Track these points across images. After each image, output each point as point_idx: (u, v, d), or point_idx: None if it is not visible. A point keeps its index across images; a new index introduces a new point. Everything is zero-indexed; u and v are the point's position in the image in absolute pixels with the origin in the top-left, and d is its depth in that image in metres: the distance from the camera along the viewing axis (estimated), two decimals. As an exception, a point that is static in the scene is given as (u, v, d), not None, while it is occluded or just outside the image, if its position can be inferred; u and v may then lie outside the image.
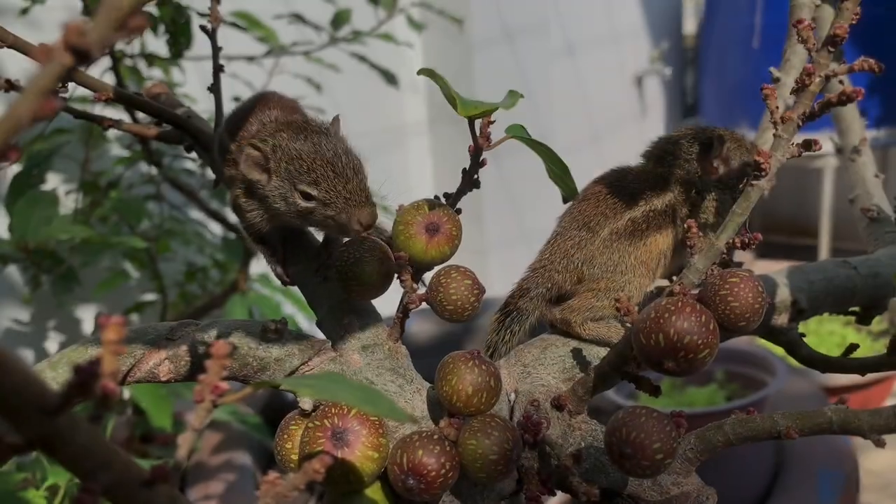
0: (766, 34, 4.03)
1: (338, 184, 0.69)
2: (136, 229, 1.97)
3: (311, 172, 0.69)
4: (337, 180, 0.69)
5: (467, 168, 0.74)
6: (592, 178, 0.83)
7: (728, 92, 4.32)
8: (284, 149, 0.71)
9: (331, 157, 0.70)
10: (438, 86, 0.65)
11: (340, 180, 0.69)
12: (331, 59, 2.16)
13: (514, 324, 0.80)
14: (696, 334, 0.58)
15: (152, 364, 0.64)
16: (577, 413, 0.69)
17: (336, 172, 0.70)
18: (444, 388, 0.64)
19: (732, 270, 0.63)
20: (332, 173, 0.69)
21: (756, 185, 0.62)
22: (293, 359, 0.68)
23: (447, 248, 0.70)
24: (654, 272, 0.79)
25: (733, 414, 0.64)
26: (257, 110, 0.82)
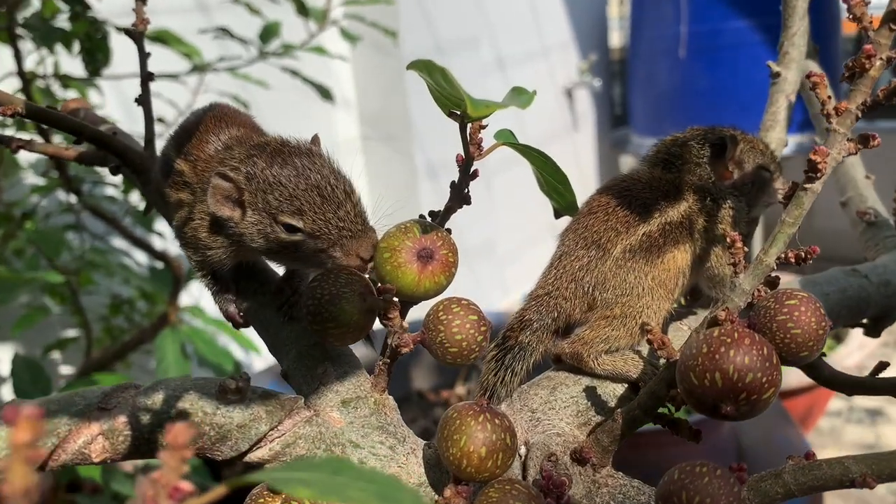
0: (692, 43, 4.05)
1: (327, 210, 0.57)
2: (55, 262, 1.82)
3: (294, 200, 0.58)
4: (326, 206, 0.57)
5: (455, 182, 0.62)
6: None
7: (657, 101, 4.33)
8: (260, 176, 0.59)
9: (316, 181, 0.58)
10: (430, 84, 0.53)
11: (330, 206, 0.57)
12: (258, 74, 2.04)
13: (515, 362, 0.68)
14: (759, 371, 0.48)
15: (81, 442, 0.51)
16: (601, 466, 0.59)
17: (324, 197, 0.58)
18: (450, 451, 0.53)
19: (787, 290, 0.54)
20: (319, 198, 0.58)
21: (809, 189, 0.52)
22: (259, 424, 0.55)
23: (443, 278, 0.58)
24: (672, 293, 0.69)
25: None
26: (212, 126, 0.69)
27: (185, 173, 0.67)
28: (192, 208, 0.65)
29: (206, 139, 0.68)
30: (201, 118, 0.70)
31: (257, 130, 0.72)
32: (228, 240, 0.63)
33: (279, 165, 0.60)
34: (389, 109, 3.18)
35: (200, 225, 0.64)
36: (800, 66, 0.83)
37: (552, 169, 0.68)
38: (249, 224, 0.60)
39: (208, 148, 0.67)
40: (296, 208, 0.58)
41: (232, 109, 0.73)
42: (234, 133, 0.69)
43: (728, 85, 3.87)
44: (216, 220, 0.62)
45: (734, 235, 0.54)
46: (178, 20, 2.05)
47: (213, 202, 0.60)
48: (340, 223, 0.58)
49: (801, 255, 0.53)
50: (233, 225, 0.61)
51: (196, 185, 0.66)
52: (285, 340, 0.63)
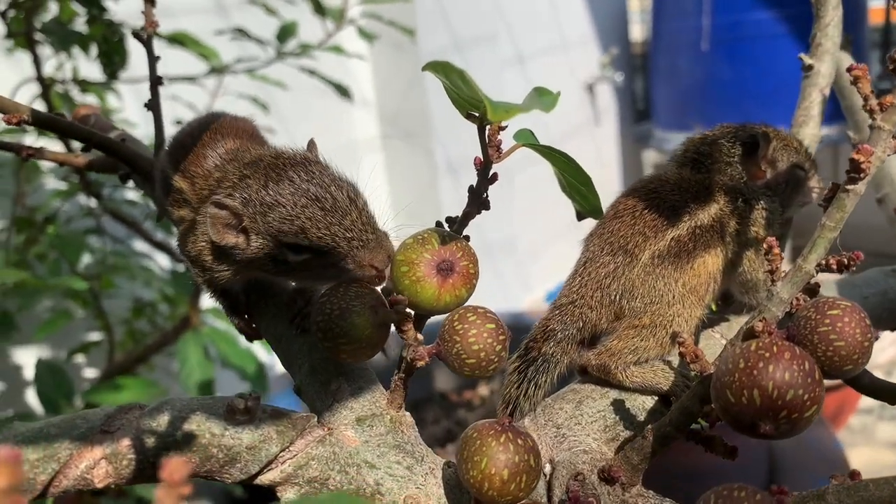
0: (714, 35, 3.99)
1: (332, 223, 0.54)
2: (76, 266, 1.82)
3: (295, 219, 0.55)
4: (329, 218, 0.54)
5: (473, 186, 0.59)
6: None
7: (680, 95, 4.27)
8: (256, 199, 0.56)
9: (315, 193, 0.55)
10: (447, 85, 0.51)
11: (334, 217, 0.54)
12: (276, 75, 2.03)
13: (539, 374, 0.65)
14: (800, 388, 0.45)
15: (84, 467, 0.48)
16: (630, 485, 0.55)
17: (325, 209, 0.55)
18: (471, 473, 0.50)
19: (828, 300, 0.50)
20: (321, 211, 0.54)
21: (852, 191, 0.49)
22: (270, 445, 0.52)
23: (464, 291, 0.55)
24: (703, 300, 0.66)
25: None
26: (208, 140, 0.66)
27: (184, 191, 0.64)
28: (194, 228, 0.62)
29: (202, 154, 0.65)
30: (196, 131, 0.67)
31: (255, 138, 0.69)
32: (235, 264, 0.60)
33: (274, 182, 0.56)
34: (408, 107, 3.16)
35: (204, 248, 0.61)
36: (833, 59, 0.79)
37: (575, 170, 0.64)
38: (257, 249, 0.57)
39: (206, 164, 0.64)
40: (298, 227, 0.55)
41: (229, 118, 0.69)
42: (231, 146, 0.65)
43: (751, 77, 3.81)
44: (220, 247, 0.59)
45: (771, 241, 0.51)
46: (194, 22, 2.04)
47: (215, 232, 0.57)
48: (348, 234, 0.55)
49: (844, 262, 0.50)
50: (239, 252, 0.58)
51: (196, 203, 0.63)
52: (297, 353, 0.61)
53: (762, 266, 0.67)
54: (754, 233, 0.66)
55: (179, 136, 0.69)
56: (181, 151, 0.66)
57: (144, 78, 1.54)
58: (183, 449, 0.50)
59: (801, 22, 3.63)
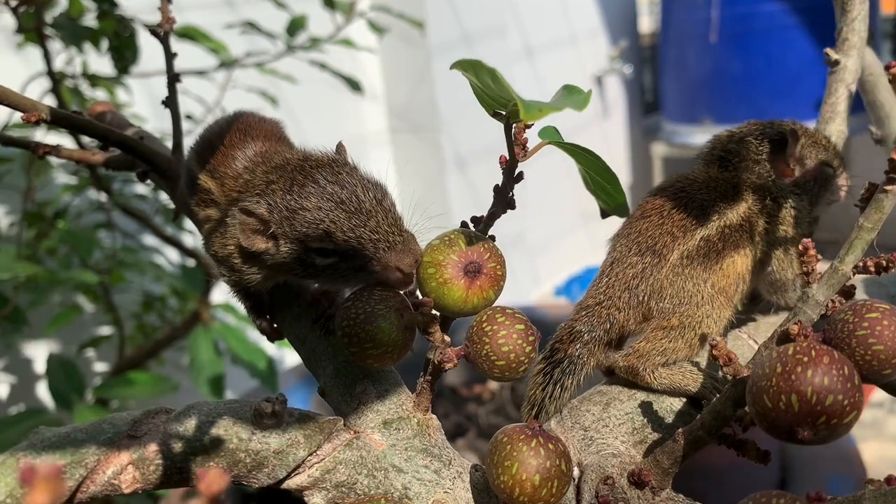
0: (724, 27, 3.97)
1: (357, 226, 0.54)
2: (87, 261, 1.82)
3: (320, 223, 0.54)
4: (354, 221, 0.54)
5: (499, 185, 0.59)
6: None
7: (689, 87, 4.25)
8: (281, 205, 0.56)
9: (340, 196, 0.54)
10: (475, 84, 0.50)
11: (359, 220, 0.54)
12: (285, 69, 2.02)
13: (565, 377, 0.64)
14: (840, 393, 0.44)
15: (111, 473, 0.48)
16: (660, 489, 0.55)
17: (350, 212, 0.54)
18: (501, 478, 0.49)
19: (865, 302, 0.49)
20: (345, 214, 0.54)
21: (890, 191, 0.48)
22: (298, 449, 0.52)
23: (492, 293, 0.54)
24: (732, 300, 0.65)
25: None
26: (237, 140, 0.65)
27: (212, 191, 0.64)
28: (223, 229, 0.62)
29: (231, 154, 0.64)
30: (225, 130, 0.67)
31: (283, 140, 0.69)
32: (265, 268, 0.60)
33: (299, 186, 0.56)
34: (417, 101, 3.15)
35: (234, 251, 0.61)
36: (860, 54, 0.78)
37: (601, 167, 0.63)
38: (287, 254, 0.57)
39: (235, 165, 0.64)
40: (323, 231, 0.54)
41: (256, 119, 0.69)
42: (259, 148, 0.65)
43: (761, 69, 3.79)
44: (249, 252, 0.59)
45: (807, 242, 0.50)
46: (204, 16, 2.03)
47: (244, 238, 0.57)
48: (374, 235, 0.54)
49: (882, 264, 0.49)
50: (269, 256, 0.58)
51: (224, 204, 0.63)
52: (321, 356, 0.60)
53: (791, 266, 0.66)
54: (783, 232, 0.66)
55: (207, 135, 0.68)
56: (209, 150, 0.65)
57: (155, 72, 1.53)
58: (210, 454, 0.49)
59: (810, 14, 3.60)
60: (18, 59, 1.86)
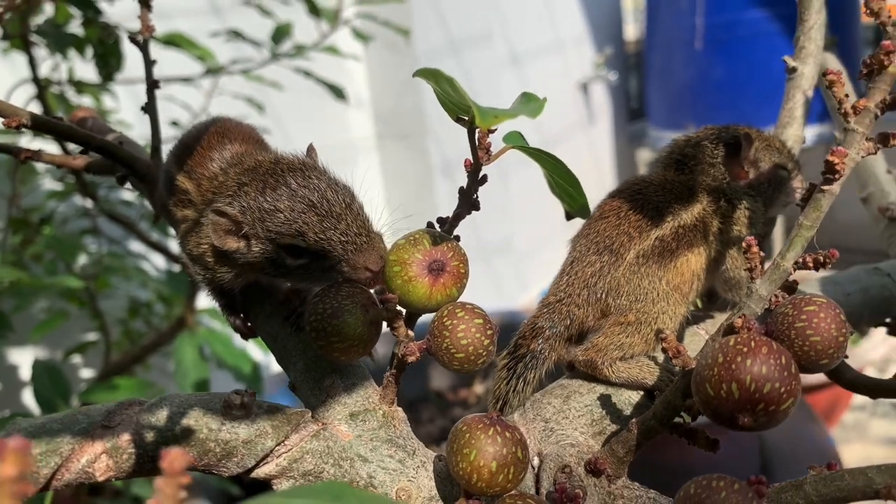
0: (708, 35, 4.01)
1: (327, 228, 0.56)
2: (73, 266, 1.82)
3: (293, 223, 0.57)
4: (325, 223, 0.56)
5: (464, 187, 0.61)
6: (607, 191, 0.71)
7: (674, 94, 4.29)
8: (254, 206, 0.58)
9: (312, 199, 0.57)
10: (437, 91, 0.52)
11: (329, 222, 0.56)
12: (271, 76, 2.04)
13: (527, 371, 0.66)
14: (777, 381, 0.46)
15: (85, 461, 0.50)
16: (616, 477, 0.57)
17: (321, 215, 0.57)
18: (460, 465, 0.51)
19: (805, 296, 0.52)
20: (317, 217, 0.56)
21: (827, 191, 0.50)
22: (266, 439, 0.54)
23: (455, 290, 0.57)
24: (687, 297, 0.67)
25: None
26: (214, 143, 0.68)
27: (189, 192, 0.66)
28: (198, 229, 0.64)
29: (208, 156, 0.67)
30: (202, 133, 0.69)
31: (260, 144, 0.71)
32: (237, 267, 0.62)
33: (271, 189, 0.58)
34: (403, 107, 3.17)
35: (207, 251, 0.63)
36: (817, 61, 0.81)
37: (563, 171, 0.66)
38: (258, 253, 0.59)
39: (212, 166, 0.66)
40: (294, 231, 0.57)
41: (234, 123, 0.72)
42: (236, 149, 0.67)
43: (746, 76, 3.83)
44: (222, 252, 0.62)
45: (750, 239, 0.52)
46: (189, 23, 2.05)
47: (217, 238, 0.60)
48: (343, 238, 0.57)
49: (820, 260, 0.51)
50: (240, 255, 0.60)
51: (200, 204, 0.65)
52: (292, 351, 0.62)
53: (745, 264, 0.68)
54: (737, 232, 0.68)
55: (185, 139, 0.71)
56: (186, 153, 0.68)
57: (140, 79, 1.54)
58: (181, 443, 0.51)
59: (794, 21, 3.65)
60: (4, 66, 1.87)
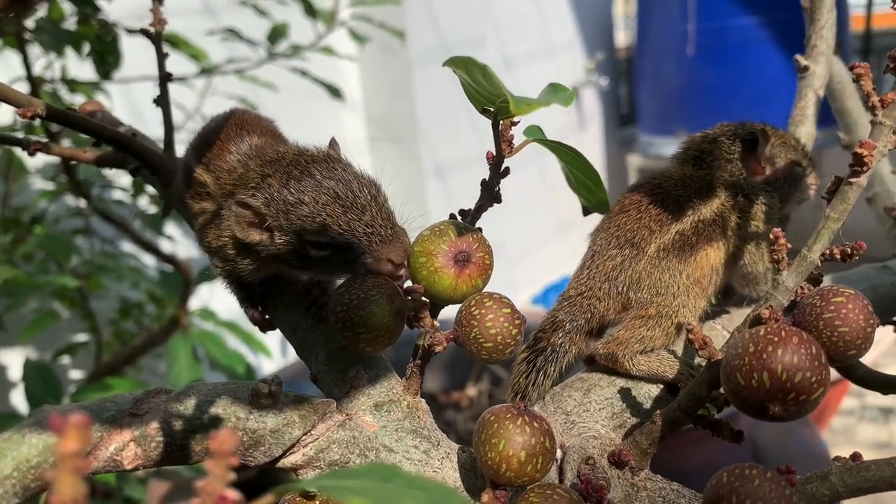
0: (700, 41, 4.04)
1: (352, 219, 0.56)
2: (64, 266, 1.81)
3: (317, 216, 0.56)
4: (350, 215, 0.56)
5: (486, 179, 0.61)
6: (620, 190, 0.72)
7: (664, 100, 4.32)
8: (277, 197, 0.58)
9: (337, 190, 0.57)
10: (465, 81, 0.52)
11: (354, 214, 0.56)
12: (265, 77, 2.03)
13: (547, 364, 0.66)
14: (808, 370, 0.47)
15: (113, 449, 0.49)
16: (639, 469, 0.57)
17: (346, 206, 0.56)
18: (488, 455, 0.51)
19: (833, 288, 0.52)
20: (341, 208, 0.56)
21: (855, 183, 0.51)
22: (293, 428, 0.54)
23: (480, 281, 0.57)
24: (706, 291, 0.68)
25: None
26: (232, 135, 0.67)
27: (207, 184, 0.66)
28: (218, 221, 0.64)
29: (226, 148, 0.66)
30: (221, 126, 0.69)
31: (278, 137, 0.71)
32: (259, 260, 0.62)
33: (296, 180, 0.58)
34: (396, 110, 3.17)
35: (228, 242, 0.63)
36: (828, 60, 0.82)
37: (583, 165, 0.66)
38: (281, 245, 0.59)
39: (230, 158, 0.66)
40: (319, 224, 0.56)
41: (252, 115, 0.71)
42: (255, 142, 0.67)
43: (736, 82, 3.86)
44: (244, 244, 0.61)
45: (777, 231, 0.53)
46: (184, 23, 2.04)
47: (240, 230, 0.59)
48: (368, 229, 0.56)
49: (847, 251, 0.52)
50: (263, 248, 0.60)
51: (219, 196, 0.65)
52: (313, 343, 0.62)
53: (762, 259, 0.69)
54: (754, 227, 0.69)
55: (203, 132, 0.71)
56: (205, 145, 0.67)
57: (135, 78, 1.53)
58: (209, 432, 0.51)
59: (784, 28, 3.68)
60: (-3, 63, 1.86)
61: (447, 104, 3.19)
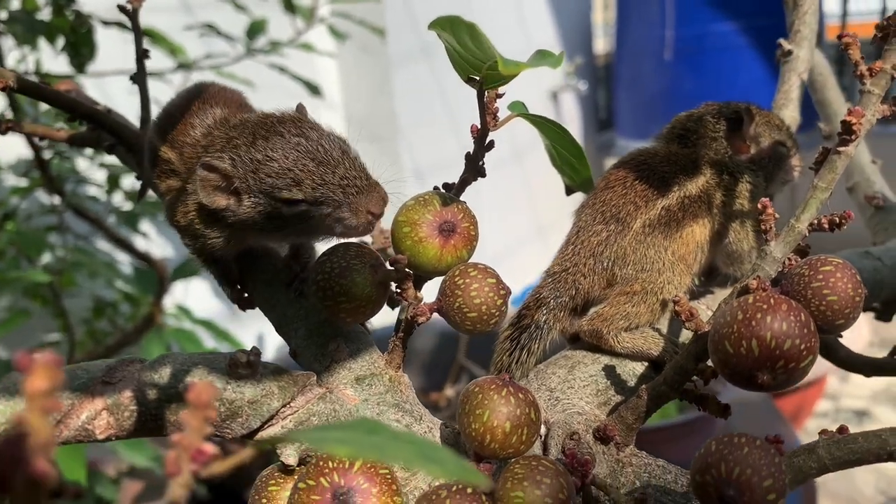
0: (678, 46, 4.07)
1: (325, 173, 0.55)
2: (36, 263, 1.77)
3: (288, 172, 0.55)
4: (323, 169, 0.55)
5: (470, 153, 0.60)
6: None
7: (643, 105, 4.34)
8: (245, 157, 0.56)
9: (307, 147, 0.55)
10: (450, 46, 0.51)
11: (328, 168, 0.55)
12: (244, 74, 2.02)
13: (531, 341, 0.65)
14: (797, 337, 0.46)
15: (85, 417, 0.48)
16: (624, 445, 0.56)
17: (318, 161, 0.55)
18: (472, 426, 0.50)
19: (821, 257, 0.52)
20: (314, 163, 0.55)
21: (843, 152, 0.50)
22: (272, 399, 0.52)
23: (465, 252, 0.56)
24: (692, 268, 0.67)
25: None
26: (196, 109, 0.66)
27: (172, 161, 0.64)
28: (184, 196, 0.62)
29: (190, 123, 0.65)
30: (184, 102, 0.67)
31: (244, 107, 0.69)
32: (228, 228, 0.60)
33: (263, 140, 0.56)
34: (376, 111, 3.16)
35: (196, 215, 0.61)
36: (811, 45, 0.82)
37: (567, 141, 0.66)
38: (248, 208, 0.57)
39: (194, 133, 0.64)
40: (291, 179, 0.55)
41: (217, 87, 0.70)
42: (219, 114, 0.66)
43: (713, 88, 3.89)
44: (212, 211, 0.59)
45: (765, 201, 0.52)
46: (163, 19, 2.01)
47: (205, 195, 0.57)
48: (343, 181, 0.55)
49: (836, 220, 0.51)
50: (231, 213, 0.58)
51: (184, 172, 0.63)
52: (293, 318, 0.60)
53: (747, 237, 0.68)
54: (739, 205, 0.68)
55: (168, 108, 0.69)
56: (169, 122, 0.66)
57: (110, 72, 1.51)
58: (184, 401, 0.49)
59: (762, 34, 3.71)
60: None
61: (428, 105, 3.18)
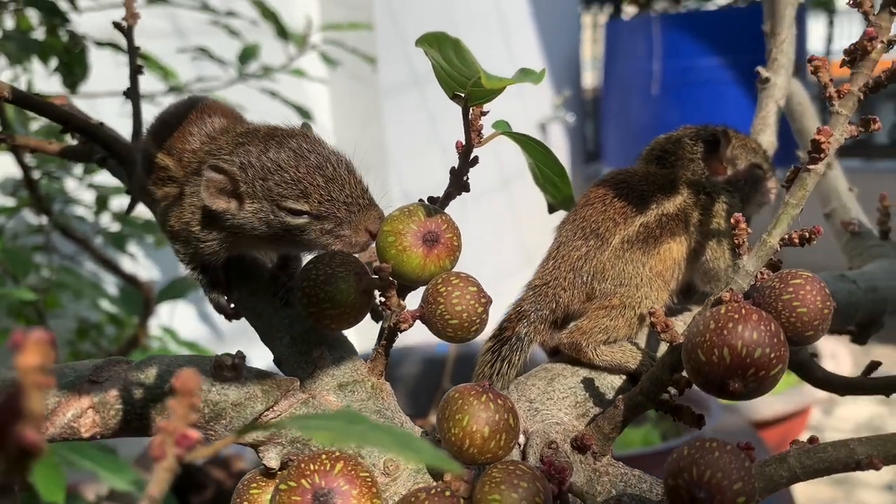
0: (665, 80, 4.13)
1: (332, 190, 0.57)
2: (21, 283, 1.77)
3: (298, 184, 0.57)
4: (331, 186, 0.57)
5: (455, 168, 0.62)
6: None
7: (630, 137, 4.40)
8: (257, 164, 0.58)
9: (317, 162, 0.58)
10: (436, 62, 0.53)
11: (335, 185, 0.57)
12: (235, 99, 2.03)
13: (512, 353, 0.67)
14: (767, 346, 0.48)
15: (71, 415, 0.48)
16: (601, 454, 0.57)
17: (327, 178, 0.57)
18: (452, 432, 0.51)
19: (792, 271, 0.54)
20: (322, 179, 0.57)
21: (813, 170, 0.52)
22: (255, 402, 0.53)
23: (448, 262, 0.57)
24: (669, 285, 0.69)
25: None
26: (195, 118, 0.67)
27: (169, 168, 0.66)
28: (180, 202, 0.64)
29: (188, 131, 0.66)
30: (181, 111, 0.69)
31: (241, 120, 0.71)
32: (223, 232, 0.62)
33: (275, 150, 0.59)
34: (366, 139, 3.18)
35: (192, 218, 0.62)
36: (788, 73, 0.85)
37: (550, 160, 0.67)
38: (249, 213, 0.59)
39: (192, 140, 0.66)
40: (300, 191, 0.57)
41: (212, 101, 0.72)
42: (218, 123, 0.67)
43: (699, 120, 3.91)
44: (210, 213, 0.61)
45: (738, 216, 0.54)
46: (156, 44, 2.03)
47: (208, 196, 0.59)
48: (348, 200, 0.57)
49: (806, 236, 0.53)
50: (229, 217, 0.60)
51: (182, 178, 0.65)
52: (278, 326, 0.62)
53: (723, 255, 0.70)
54: (716, 224, 0.70)
55: (163, 117, 0.71)
56: (165, 131, 0.67)
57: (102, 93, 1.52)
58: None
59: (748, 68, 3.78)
60: (-39, 75, 1.84)
61: (417, 135, 3.21)
